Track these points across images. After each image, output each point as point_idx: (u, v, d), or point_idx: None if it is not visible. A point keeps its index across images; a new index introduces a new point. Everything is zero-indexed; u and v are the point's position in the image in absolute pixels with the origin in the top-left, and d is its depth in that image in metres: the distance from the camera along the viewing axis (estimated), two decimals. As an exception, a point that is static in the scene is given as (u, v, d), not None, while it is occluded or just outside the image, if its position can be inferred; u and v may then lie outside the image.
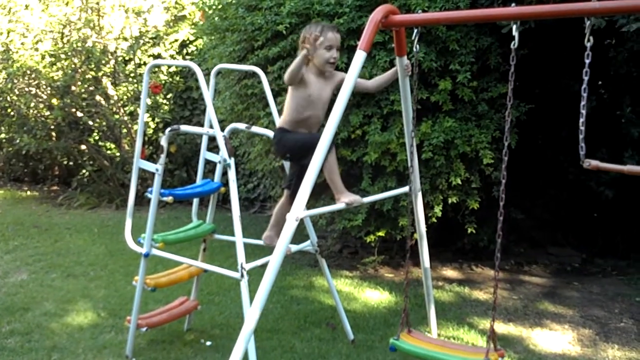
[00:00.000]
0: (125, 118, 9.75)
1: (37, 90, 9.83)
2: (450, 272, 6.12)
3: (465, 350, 3.30)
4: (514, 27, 2.77)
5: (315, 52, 3.55)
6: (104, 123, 9.92)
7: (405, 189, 4.11)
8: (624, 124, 5.39)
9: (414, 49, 3.32)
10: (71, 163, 11.03)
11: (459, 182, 5.16)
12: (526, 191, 6.27)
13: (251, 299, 3.15)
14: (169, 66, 9.91)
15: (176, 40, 9.90)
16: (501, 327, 4.69)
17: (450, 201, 5.32)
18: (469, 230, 5.49)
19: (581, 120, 2.57)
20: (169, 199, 3.90)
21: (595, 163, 2.58)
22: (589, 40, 2.52)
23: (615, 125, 5.55)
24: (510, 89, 2.83)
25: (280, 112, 5.03)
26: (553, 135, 6.16)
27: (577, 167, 2.73)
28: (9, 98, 9.92)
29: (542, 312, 5.02)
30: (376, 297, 5.38)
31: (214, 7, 6.32)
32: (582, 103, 2.57)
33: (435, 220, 5.33)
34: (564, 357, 4.17)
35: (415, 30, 3.29)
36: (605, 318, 4.89)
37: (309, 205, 4.23)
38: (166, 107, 9.92)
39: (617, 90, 5.78)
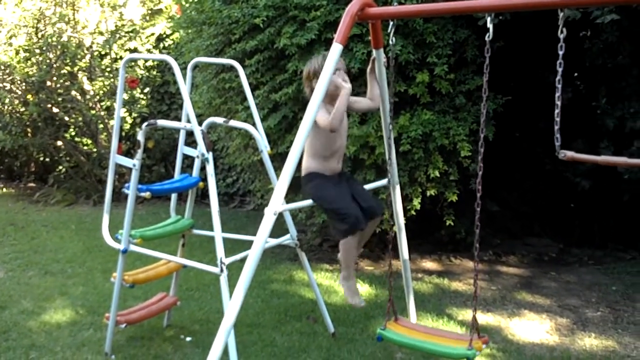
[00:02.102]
0: (102, 113, 9.66)
1: (12, 86, 9.72)
2: (429, 264, 6.15)
3: (451, 337, 3.32)
4: (489, 19, 2.78)
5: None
6: (80, 118, 9.83)
7: (384, 181, 4.12)
8: (600, 114, 5.45)
9: (390, 42, 3.32)
10: (47, 159, 10.91)
11: (437, 174, 5.18)
12: (503, 183, 6.32)
13: (231, 293, 3.15)
14: (146, 60, 9.82)
15: (153, 34, 9.82)
16: (480, 317, 4.70)
17: (428, 193, 5.35)
18: (448, 223, 5.53)
19: (556, 111, 2.59)
20: (147, 194, 3.87)
21: (570, 154, 2.60)
22: (562, 32, 2.53)
23: (591, 116, 5.61)
24: (485, 81, 2.84)
25: (258, 105, 5.03)
26: (530, 127, 6.22)
27: (553, 159, 2.75)
28: (-18, 94, 9.78)
29: (520, 302, 5.07)
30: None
31: (190, 0, 6.27)
32: (557, 94, 2.59)
33: (414, 213, 5.36)
34: (542, 346, 4.22)
35: (392, 23, 3.29)
36: (582, 307, 4.95)
37: (288, 199, 4.23)
38: (143, 102, 9.83)
39: (593, 81, 5.85)
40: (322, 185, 3.42)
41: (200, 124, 3.91)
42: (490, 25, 2.77)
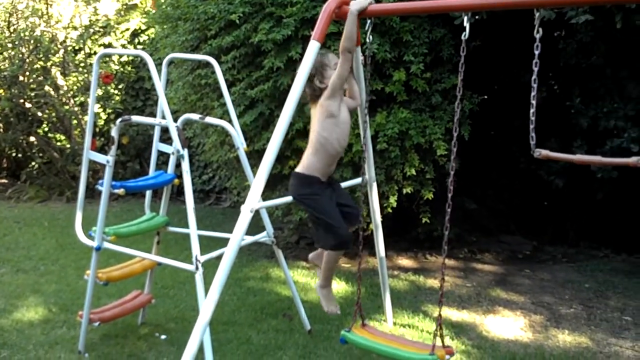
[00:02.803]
0: (76, 109, 9.55)
1: (-17, 81, 9.56)
2: (405, 262, 6.18)
3: (414, 346, 3.30)
4: (465, 18, 2.80)
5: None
6: (54, 114, 9.71)
7: (359, 179, 4.13)
8: (574, 114, 5.51)
9: (368, 40, 3.33)
10: (20, 155, 10.76)
11: (414, 172, 5.20)
12: (479, 181, 6.37)
13: (206, 291, 3.13)
14: (120, 56, 9.73)
15: (127, 30, 9.74)
16: (454, 314, 4.76)
17: (405, 191, 5.36)
18: (424, 220, 5.55)
19: (531, 110, 2.62)
20: (121, 191, 3.83)
21: (545, 152, 2.63)
22: (538, 32, 2.56)
23: (565, 115, 5.67)
24: (460, 80, 2.86)
25: (234, 102, 5.00)
26: (505, 126, 6.27)
27: (528, 157, 2.77)
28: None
29: (495, 299, 5.11)
30: (333, 287, 5.37)
31: (166, -5, 6.23)
32: (532, 94, 2.61)
33: (390, 211, 5.37)
34: (516, 343, 4.26)
35: (369, 21, 3.29)
36: (556, 304, 5.01)
37: (265, 197, 4.21)
38: (118, 98, 9.75)
39: (567, 81, 5.91)
40: (319, 197, 3.36)
41: (175, 120, 3.87)
42: (466, 24, 2.79)
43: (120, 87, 9.85)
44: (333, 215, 3.34)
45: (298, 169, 3.42)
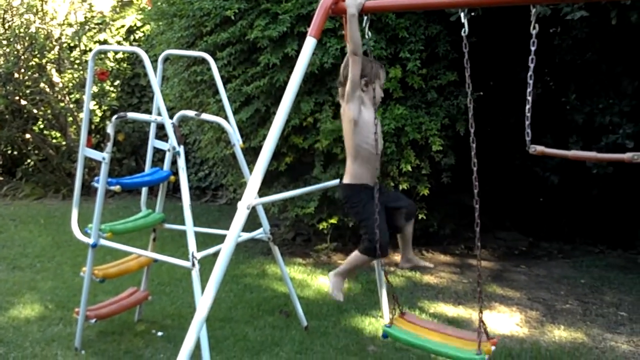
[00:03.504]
0: (71, 106, 9.53)
1: (-22, 78, 9.53)
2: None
3: (458, 337, 3.18)
4: (462, 14, 2.80)
5: (370, 86, 3.30)
6: (49, 111, 9.69)
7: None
8: (569, 110, 5.52)
9: (366, 36, 3.32)
10: (15, 152, 10.74)
11: (410, 168, 5.21)
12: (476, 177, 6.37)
13: (203, 288, 3.13)
14: (116, 52, 9.71)
15: (123, 26, 9.71)
16: (451, 310, 4.78)
17: (401, 187, 5.37)
18: (420, 216, 5.55)
19: (527, 106, 2.62)
20: (117, 188, 3.82)
21: (540, 149, 2.63)
22: (534, 28, 2.55)
23: (561, 111, 5.68)
24: (468, 76, 2.87)
25: (230, 98, 4.99)
26: (501, 122, 6.28)
27: (523, 154, 2.78)
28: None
29: (491, 295, 5.12)
30: (329, 283, 5.39)
31: (161, -8, 6.21)
32: (528, 90, 2.61)
33: (386, 207, 5.37)
34: (512, 338, 4.27)
35: (365, 18, 3.29)
36: (552, 300, 5.02)
37: (261, 193, 4.21)
38: (113, 95, 9.73)
39: (562, 77, 5.92)
40: (366, 204, 3.32)
41: (171, 117, 3.87)
42: (464, 20, 2.79)
43: (115, 84, 9.83)
44: (372, 224, 3.30)
45: (345, 180, 3.41)
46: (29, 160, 10.40)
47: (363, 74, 3.25)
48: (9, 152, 10.80)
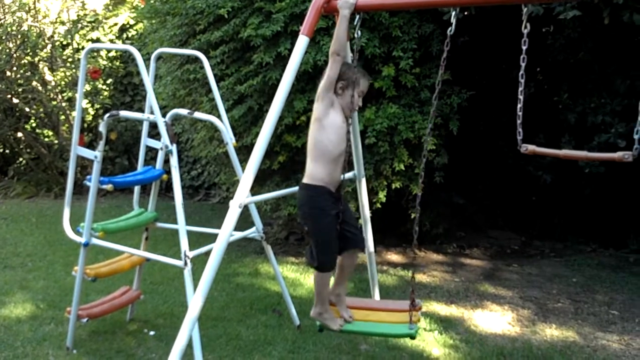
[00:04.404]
0: (64, 104, 9.50)
1: (-30, 76, 9.49)
2: (394, 257, 6.19)
3: (389, 309, 3.30)
4: (453, 13, 2.80)
5: (346, 91, 3.21)
6: (41, 109, 9.66)
7: (350, 174, 4.13)
8: (562, 109, 5.54)
9: (356, 35, 3.32)
10: (7, 151, 10.69)
11: (403, 167, 5.21)
12: (467, 176, 6.39)
13: (195, 287, 3.12)
14: (109, 51, 9.69)
15: (115, 24, 9.68)
16: (443, 309, 4.78)
17: (394, 186, 5.37)
18: (413, 215, 5.55)
19: (519, 105, 2.62)
20: (109, 186, 3.80)
21: (532, 148, 2.63)
22: (526, 27, 2.56)
23: (553, 111, 5.70)
24: (440, 74, 2.86)
25: (223, 97, 4.98)
26: (493, 121, 6.29)
27: (516, 152, 2.78)
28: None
29: (483, 294, 5.13)
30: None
31: (154, -10, 6.20)
32: (520, 89, 2.62)
33: (379, 206, 5.38)
34: (504, 337, 4.28)
35: (358, 16, 3.29)
36: (544, 298, 5.04)
37: (254, 192, 4.21)
38: (106, 93, 9.70)
39: (555, 76, 5.94)
40: (324, 213, 3.18)
41: (164, 115, 3.85)
42: (453, 20, 2.79)
43: (108, 82, 9.80)
44: (329, 236, 3.19)
45: (304, 180, 3.23)
46: (21, 159, 10.36)
47: (342, 77, 3.17)
48: (1, 150, 10.75)
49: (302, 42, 3.04)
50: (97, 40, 9.55)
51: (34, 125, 10.12)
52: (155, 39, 6.16)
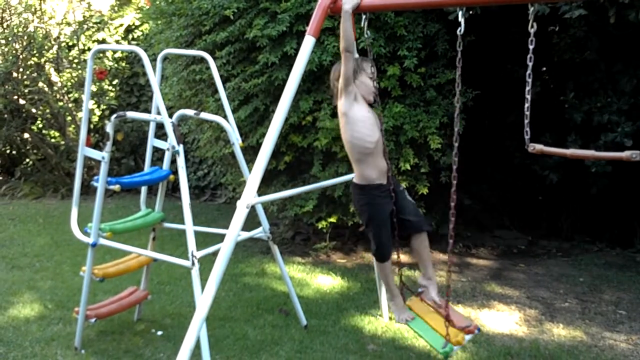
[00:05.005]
0: (70, 105, 9.53)
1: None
2: (400, 256, 6.16)
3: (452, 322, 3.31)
4: (460, 13, 2.80)
5: (357, 81, 3.34)
6: (48, 110, 9.69)
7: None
8: (568, 109, 5.52)
9: (365, 35, 3.33)
10: (14, 152, 10.73)
11: (408, 167, 5.21)
12: (474, 176, 6.38)
13: (202, 287, 3.13)
14: (115, 52, 9.71)
15: (121, 25, 9.71)
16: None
17: (400, 186, 5.37)
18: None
19: (526, 105, 2.62)
20: (116, 187, 3.82)
21: (539, 147, 2.63)
22: (532, 27, 2.56)
23: (559, 110, 5.69)
24: (458, 75, 2.86)
25: (229, 97, 5.00)
26: (499, 121, 6.28)
27: (522, 152, 2.78)
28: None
29: (490, 294, 5.13)
30: (328, 282, 5.41)
31: (160, -9, 6.21)
32: (527, 88, 2.62)
33: (385, 206, 5.37)
34: (511, 337, 4.28)
35: (364, 17, 3.29)
36: (551, 298, 5.03)
37: (260, 192, 4.22)
38: (112, 94, 9.73)
39: (561, 76, 5.92)
40: (372, 208, 3.42)
41: (170, 116, 3.87)
42: (462, 20, 2.79)
43: (114, 83, 9.83)
44: (378, 236, 3.43)
45: (354, 180, 3.49)
46: (27, 160, 10.40)
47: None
48: (8, 151, 10.80)
49: (308, 42, 3.05)
50: (103, 41, 9.58)
51: (40, 126, 10.15)
52: (161, 40, 6.18)
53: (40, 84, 9.42)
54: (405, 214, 3.50)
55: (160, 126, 4.00)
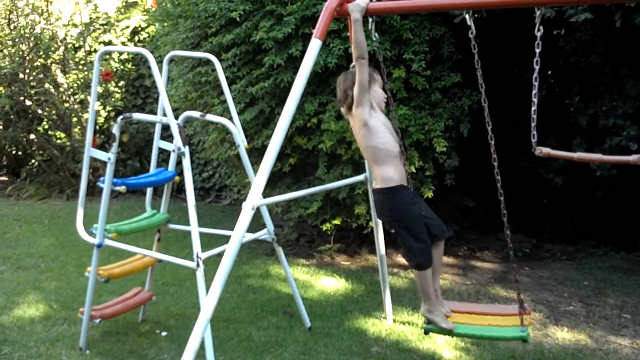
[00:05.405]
0: (76, 106, 9.56)
1: (-17, 79, 9.57)
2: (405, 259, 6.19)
3: (499, 314, 3.36)
4: (467, 16, 2.81)
5: (372, 87, 3.33)
6: (54, 111, 9.72)
7: (361, 177, 4.15)
8: (573, 112, 5.52)
9: (373, 38, 3.34)
10: (20, 153, 10.78)
11: (414, 170, 5.21)
12: (478, 179, 6.38)
13: (207, 288, 3.14)
14: (121, 53, 9.74)
15: (127, 27, 9.74)
16: (455, 312, 4.77)
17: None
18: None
19: (533, 108, 2.63)
20: (122, 188, 3.84)
21: (546, 150, 2.64)
22: (539, 30, 2.57)
23: (564, 113, 5.68)
24: (480, 75, 2.90)
25: (235, 99, 5.01)
26: (504, 124, 6.27)
27: (527, 155, 2.79)
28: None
29: (494, 297, 5.13)
30: (332, 284, 5.41)
31: (166, -7, 6.23)
32: (534, 92, 2.62)
33: (390, 208, 5.37)
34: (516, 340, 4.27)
35: (371, 19, 3.30)
36: (555, 302, 5.02)
37: (265, 194, 4.23)
38: (118, 95, 9.75)
39: (566, 79, 5.92)
40: (407, 207, 3.31)
41: (176, 117, 3.88)
42: (470, 22, 2.81)
43: (120, 84, 9.85)
44: (418, 238, 3.30)
45: (378, 185, 3.35)
46: (33, 161, 10.43)
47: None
48: (14, 152, 10.84)
49: (315, 45, 3.06)
50: (109, 43, 9.61)
51: (46, 127, 10.18)
52: (167, 42, 6.20)
53: (47, 85, 9.45)
54: (427, 218, 3.41)
55: (165, 128, 4.02)
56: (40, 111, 9.64)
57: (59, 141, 10.15)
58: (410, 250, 3.33)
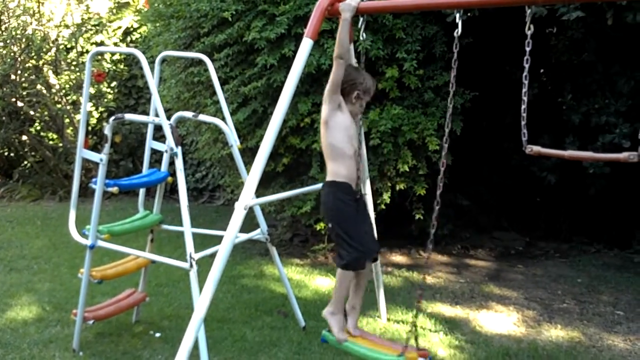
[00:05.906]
0: (68, 107, 9.53)
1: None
2: (398, 258, 6.19)
3: (389, 346, 3.20)
4: (457, 15, 2.81)
5: (361, 100, 3.31)
6: (46, 113, 9.68)
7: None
8: (565, 110, 5.54)
9: (361, 37, 3.34)
10: (12, 154, 10.73)
11: (407, 169, 5.21)
12: (471, 177, 6.39)
13: (201, 289, 3.13)
14: (113, 54, 9.71)
15: (119, 28, 9.71)
16: (448, 310, 4.78)
17: (398, 188, 5.38)
18: (417, 217, 5.57)
19: (522, 107, 2.63)
20: (114, 189, 3.82)
21: (537, 149, 2.64)
22: (529, 29, 2.57)
23: (557, 112, 5.70)
24: (453, 76, 2.86)
25: (227, 99, 5.00)
26: (497, 122, 6.29)
27: (520, 153, 2.78)
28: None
29: (488, 295, 5.14)
30: (327, 284, 5.41)
31: (158, -7, 6.21)
32: (524, 90, 2.62)
33: (384, 207, 5.39)
34: (509, 338, 4.28)
35: (362, 19, 3.30)
36: (549, 299, 5.04)
37: (259, 194, 4.23)
38: (110, 96, 9.73)
39: (559, 77, 5.94)
40: (345, 204, 3.24)
41: (168, 118, 3.87)
42: (459, 22, 2.80)
43: (112, 85, 9.83)
44: (355, 228, 3.24)
45: (328, 178, 3.30)
46: (25, 162, 10.39)
47: (362, 87, 3.26)
48: (6, 153, 10.79)
49: (306, 44, 3.06)
50: (101, 44, 9.58)
51: (38, 128, 10.15)
52: (159, 42, 6.18)
53: (39, 86, 9.41)
54: (367, 233, 3.40)
55: (158, 128, 4.01)
56: (32, 112, 9.61)
57: (51, 142, 10.12)
58: (343, 248, 3.23)
